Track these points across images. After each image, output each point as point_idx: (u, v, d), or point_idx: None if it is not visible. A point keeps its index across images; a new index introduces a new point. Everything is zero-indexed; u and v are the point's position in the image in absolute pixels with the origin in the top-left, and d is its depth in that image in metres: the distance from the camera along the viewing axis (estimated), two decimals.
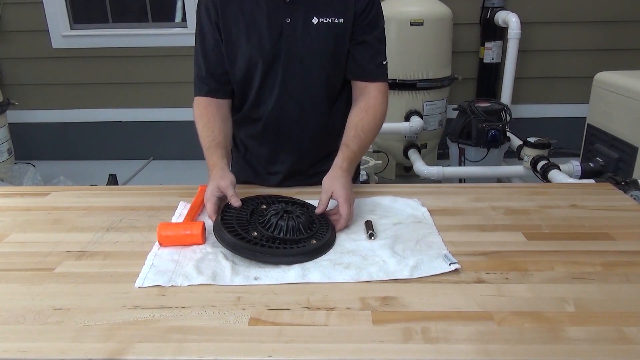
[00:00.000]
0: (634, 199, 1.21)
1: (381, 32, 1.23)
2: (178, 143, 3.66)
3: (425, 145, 3.10)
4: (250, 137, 1.31)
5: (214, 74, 1.23)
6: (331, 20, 1.18)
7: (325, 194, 1.05)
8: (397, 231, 1.02)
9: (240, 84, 1.24)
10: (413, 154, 2.96)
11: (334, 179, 1.06)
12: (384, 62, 1.24)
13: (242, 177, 1.37)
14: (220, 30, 1.20)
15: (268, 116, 1.24)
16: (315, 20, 1.17)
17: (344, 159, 1.11)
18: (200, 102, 1.24)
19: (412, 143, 3.03)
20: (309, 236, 0.97)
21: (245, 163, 1.37)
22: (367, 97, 1.21)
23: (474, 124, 2.65)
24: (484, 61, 3.34)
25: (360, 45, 1.22)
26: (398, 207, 1.13)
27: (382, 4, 1.23)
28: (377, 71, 1.24)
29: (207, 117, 1.21)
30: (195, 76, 1.26)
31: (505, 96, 3.15)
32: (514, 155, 2.66)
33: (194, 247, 0.97)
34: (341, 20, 1.18)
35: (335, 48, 1.21)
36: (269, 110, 1.23)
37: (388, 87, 1.25)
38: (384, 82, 1.24)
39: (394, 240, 0.97)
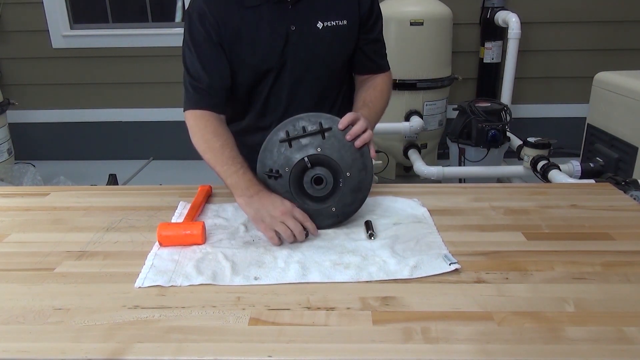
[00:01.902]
0: (634, 199, 1.21)
1: (381, 23, 1.27)
2: (178, 143, 3.64)
3: (425, 145, 3.10)
4: (251, 147, 1.19)
5: (215, 87, 1.16)
6: (335, 23, 1.17)
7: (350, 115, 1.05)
8: (397, 231, 1.02)
9: (246, 95, 1.22)
10: (413, 154, 2.96)
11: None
12: (385, 52, 1.30)
13: None
14: (221, 44, 1.15)
15: (277, 124, 1.24)
16: (320, 25, 1.16)
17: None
18: (195, 114, 1.16)
19: (412, 143, 3.02)
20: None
21: None
22: (373, 80, 1.27)
23: (474, 124, 2.65)
24: (484, 61, 3.34)
25: (371, 44, 1.25)
26: (398, 207, 1.13)
27: (382, 4, 1.25)
28: (385, 62, 1.30)
29: (206, 127, 1.13)
30: (190, 87, 1.16)
31: (505, 96, 3.14)
32: (514, 155, 2.66)
33: (194, 247, 0.97)
34: (344, 22, 1.18)
35: (341, 50, 1.21)
36: (278, 118, 1.20)
37: (391, 74, 1.32)
38: (389, 70, 1.31)
39: (393, 240, 0.98)
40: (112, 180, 2.83)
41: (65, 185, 2.42)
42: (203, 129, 1.13)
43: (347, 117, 1.03)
